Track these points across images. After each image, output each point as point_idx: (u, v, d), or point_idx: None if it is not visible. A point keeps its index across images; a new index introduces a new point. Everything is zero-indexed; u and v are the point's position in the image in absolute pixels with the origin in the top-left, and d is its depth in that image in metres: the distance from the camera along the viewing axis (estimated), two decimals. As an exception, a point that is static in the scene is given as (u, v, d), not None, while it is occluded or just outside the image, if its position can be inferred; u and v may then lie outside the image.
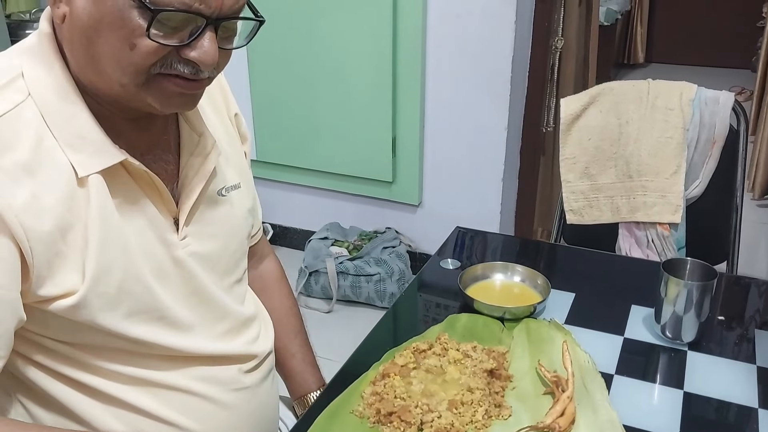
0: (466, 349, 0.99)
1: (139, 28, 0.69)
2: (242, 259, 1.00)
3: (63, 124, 0.75)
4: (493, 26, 2.30)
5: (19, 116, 0.73)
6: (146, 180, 0.81)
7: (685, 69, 5.61)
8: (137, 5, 0.68)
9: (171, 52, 0.72)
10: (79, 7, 0.71)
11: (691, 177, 1.65)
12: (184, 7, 0.69)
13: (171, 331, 0.85)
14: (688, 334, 1.06)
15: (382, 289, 2.52)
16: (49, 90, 0.75)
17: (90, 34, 0.71)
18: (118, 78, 0.73)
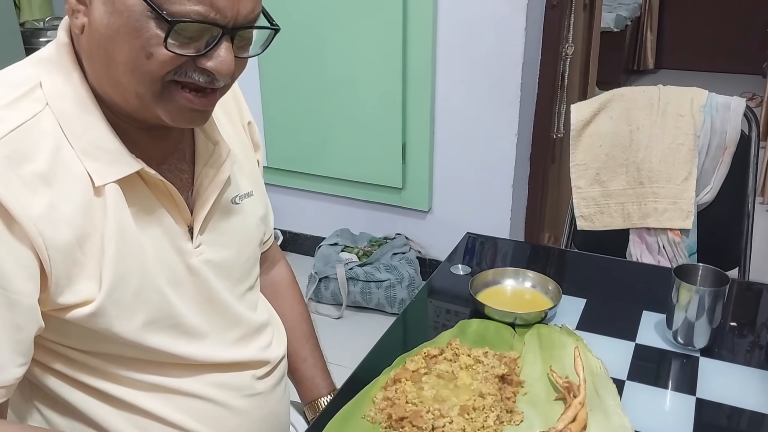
0: (477, 355, 0.99)
1: (155, 37, 0.70)
2: (255, 267, 1.00)
3: (80, 133, 0.75)
4: (503, 34, 2.30)
5: (37, 126, 0.74)
6: (162, 189, 0.82)
7: (695, 75, 5.59)
8: (154, 16, 0.69)
9: (187, 61, 0.73)
10: (97, 18, 0.72)
11: (703, 183, 1.65)
12: (201, 17, 0.70)
13: (185, 339, 0.86)
14: (700, 340, 1.05)
15: (392, 295, 2.52)
16: (67, 100, 0.76)
17: (107, 44, 0.72)
18: (134, 87, 0.74)
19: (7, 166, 0.69)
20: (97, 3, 0.72)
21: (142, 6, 0.69)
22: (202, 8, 0.69)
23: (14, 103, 0.74)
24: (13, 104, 0.74)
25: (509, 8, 2.26)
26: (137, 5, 0.69)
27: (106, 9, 0.71)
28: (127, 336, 0.79)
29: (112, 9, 0.71)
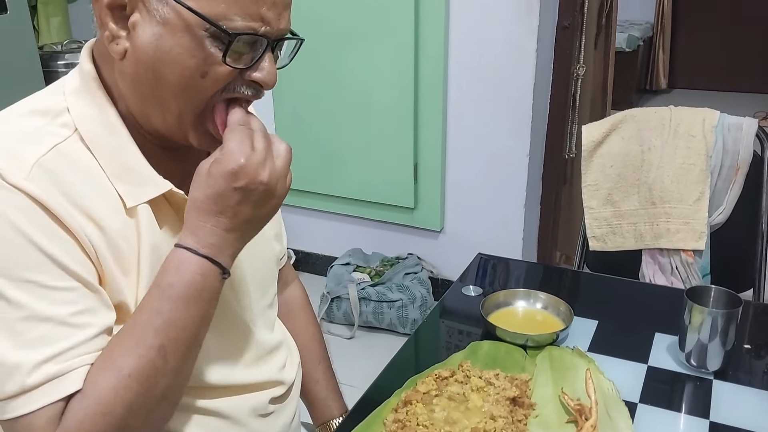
0: (488, 377, 0.99)
1: (211, 55, 0.72)
2: (272, 285, 1.01)
3: (111, 157, 0.77)
4: (515, 55, 2.32)
5: (69, 149, 0.75)
6: (183, 208, 0.82)
7: (708, 94, 5.59)
8: (209, 34, 0.71)
9: (236, 77, 0.75)
10: (145, 42, 0.73)
11: (715, 203, 1.64)
12: (252, 31, 0.73)
13: (203, 360, 0.86)
14: (713, 363, 1.05)
15: (404, 315, 2.52)
16: (96, 124, 0.77)
17: (156, 65, 0.73)
18: (180, 108, 0.76)
19: (49, 182, 0.71)
20: (142, 27, 0.73)
21: (197, 25, 0.71)
22: (254, 23, 0.72)
23: (44, 128, 0.75)
24: (44, 128, 0.75)
25: (520, 29, 2.28)
26: (192, 25, 0.71)
27: (155, 32, 0.72)
28: None
29: (162, 32, 0.72)
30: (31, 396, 0.68)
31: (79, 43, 2.76)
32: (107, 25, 0.74)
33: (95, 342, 0.71)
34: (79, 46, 2.74)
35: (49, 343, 0.68)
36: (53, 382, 0.68)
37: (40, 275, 0.68)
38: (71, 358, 0.69)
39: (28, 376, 0.67)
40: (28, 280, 0.68)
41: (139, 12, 0.73)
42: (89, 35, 3.13)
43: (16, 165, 0.70)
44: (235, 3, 0.71)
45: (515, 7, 2.27)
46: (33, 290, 0.68)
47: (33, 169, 0.70)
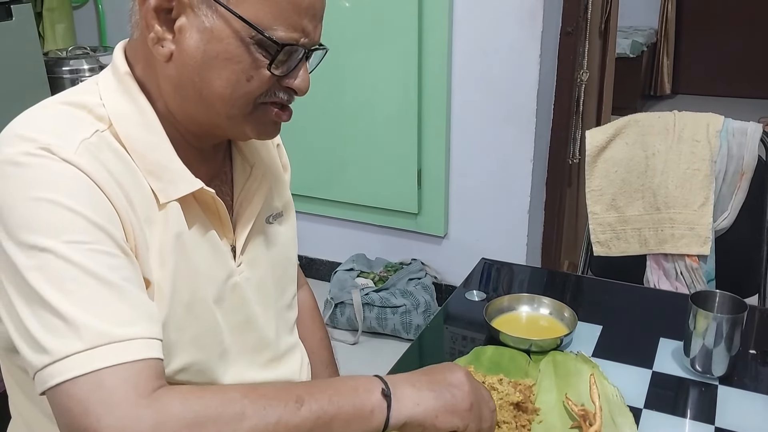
0: (492, 382, 0.99)
1: (257, 61, 0.75)
2: (290, 285, 1.02)
3: (145, 153, 0.78)
4: (519, 62, 2.32)
5: (106, 140, 0.76)
6: (212, 209, 0.84)
7: (712, 100, 5.58)
8: (255, 41, 0.74)
9: (275, 83, 0.78)
10: (192, 46, 0.75)
11: (720, 209, 1.64)
12: (294, 41, 0.76)
13: (219, 359, 0.86)
14: (718, 368, 1.04)
15: (407, 320, 2.52)
16: (133, 123, 0.78)
17: (202, 70, 0.75)
18: (227, 110, 0.78)
19: (95, 160, 0.72)
20: (189, 32, 0.75)
21: (245, 32, 0.73)
22: (296, 34, 0.76)
23: (84, 118, 0.76)
24: (84, 118, 0.76)
25: (524, 35, 2.28)
26: (240, 32, 0.73)
27: (202, 37, 0.74)
28: (175, 349, 0.80)
29: (210, 37, 0.74)
30: (89, 356, 0.64)
31: (83, 49, 2.77)
32: (153, 28, 0.75)
33: (143, 311, 0.70)
34: (84, 52, 2.75)
35: (100, 303, 0.67)
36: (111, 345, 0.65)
37: (89, 238, 0.68)
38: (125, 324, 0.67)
39: (81, 336, 0.64)
40: (78, 241, 0.68)
41: (186, 16, 0.74)
42: (94, 41, 3.15)
43: (65, 142, 0.71)
44: (280, 14, 0.74)
45: (519, 13, 2.27)
46: (82, 250, 0.68)
47: (80, 147, 0.72)
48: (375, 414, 0.73)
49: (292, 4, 0.75)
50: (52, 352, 0.64)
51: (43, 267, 0.66)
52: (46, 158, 0.70)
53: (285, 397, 0.69)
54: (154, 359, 0.68)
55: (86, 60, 2.68)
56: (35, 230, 0.67)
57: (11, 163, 0.70)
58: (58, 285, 0.66)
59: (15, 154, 0.70)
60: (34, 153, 0.70)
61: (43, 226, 0.67)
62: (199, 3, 0.74)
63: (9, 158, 0.70)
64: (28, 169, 0.69)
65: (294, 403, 0.69)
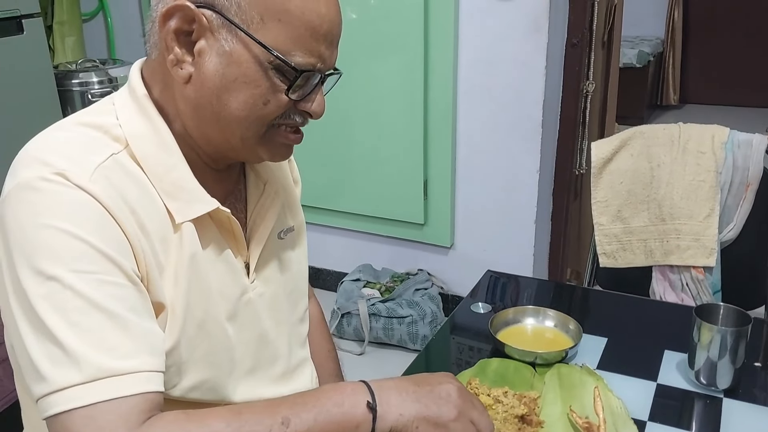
0: (497, 395, 0.99)
1: (274, 86, 0.77)
2: (302, 299, 1.03)
3: (162, 174, 0.79)
4: (524, 72, 2.33)
5: (122, 162, 0.77)
6: (227, 227, 0.85)
7: (719, 109, 5.57)
8: (273, 66, 0.75)
9: (291, 106, 0.80)
10: (210, 69, 0.76)
11: (726, 220, 1.64)
12: (312, 67, 0.78)
13: (231, 376, 0.87)
14: (723, 381, 1.04)
15: (414, 331, 2.52)
16: (150, 143, 0.79)
17: (220, 92, 0.77)
18: (242, 132, 0.79)
19: (109, 186, 0.73)
20: (209, 55, 0.76)
21: (264, 58, 0.75)
22: (313, 59, 0.77)
23: (100, 139, 0.77)
24: (100, 140, 0.77)
25: (529, 47, 2.30)
26: (259, 57, 0.75)
27: (222, 60, 0.75)
28: (187, 367, 0.80)
29: (229, 60, 0.75)
30: (87, 389, 0.65)
31: (92, 62, 2.80)
32: (172, 49, 0.76)
33: (145, 344, 0.70)
34: (93, 64, 2.78)
35: (102, 335, 0.67)
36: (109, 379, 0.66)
37: (96, 268, 0.69)
38: (125, 357, 0.67)
39: (80, 368, 0.65)
40: (85, 270, 0.68)
41: (206, 39, 0.76)
42: (103, 54, 3.18)
43: (80, 168, 0.72)
44: (299, 40, 0.75)
45: (524, 25, 2.28)
46: (89, 280, 0.68)
47: (95, 173, 0.73)
48: (361, 428, 0.73)
49: (311, 30, 0.76)
50: (51, 382, 0.65)
51: (50, 296, 0.67)
52: (61, 184, 0.70)
53: (269, 420, 0.70)
54: (152, 392, 0.68)
55: (95, 72, 2.71)
56: (44, 257, 0.68)
57: (27, 187, 0.71)
58: (63, 315, 0.66)
59: (31, 178, 0.71)
60: (49, 178, 0.70)
61: (52, 254, 0.68)
62: (219, 27, 0.75)
63: (25, 182, 0.71)
64: (41, 195, 0.70)
65: (279, 425, 0.69)
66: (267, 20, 0.74)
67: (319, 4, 0.77)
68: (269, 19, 0.74)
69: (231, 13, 0.74)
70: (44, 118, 2.46)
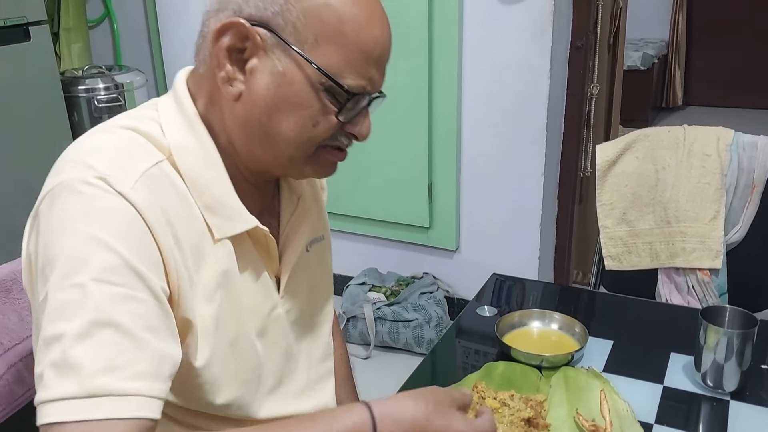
0: (503, 398, 0.99)
1: (325, 107, 0.76)
2: (327, 309, 1.02)
3: (204, 188, 0.78)
4: (528, 75, 2.34)
5: (166, 171, 0.76)
6: (262, 243, 0.84)
7: (724, 111, 5.56)
8: (325, 87, 0.75)
9: (339, 128, 0.80)
10: (262, 87, 0.75)
11: (731, 222, 1.64)
12: (362, 90, 0.78)
13: (258, 392, 0.86)
14: (729, 383, 1.04)
15: (420, 335, 2.52)
16: (195, 157, 0.78)
17: (271, 111, 0.76)
18: (290, 152, 0.79)
19: (151, 195, 0.72)
20: (261, 73, 0.75)
21: (317, 79, 0.74)
22: (363, 82, 0.77)
23: (146, 146, 0.76)
24: (145, 147, 0.76)
25: (534, 50, 2.30)
26: (312, 78, 0.74)
27: (274, 80, 0.75)
28: (220, 384, 0.80)
29: (282, 80, 0.75)
30: (86, 404, 0.63)
31: (99, 68, 2.81)
32: (224, 67, 0.76)
33: (153, 367, 0.68)
34: (100, 71, 2.79)
35: (112, 352, 0.65)
36: (110, 398, 0.64)
37: (121, 280, 0.68)
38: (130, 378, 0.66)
39: (84, 382, 0.64)
40: (109, 281, 0.67)
41: (258, 58, 0.75)
42: (109, 60, 3.20)
43: (124, 174, 0.71)
44: (352, 63, 0.75)
45: (528, 28, 2.29)
46: (112, 293, 0.67)
47: (139, 180, 0.72)
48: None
49: (365, 53, 0.76)
50: (51, 390, 0.64)
51: (70, 302, 0.66)
52: (101, 189, 0.70)
53: None
54: (147, 419, 0.66)
55: (102, 79, 2.73)
56: (73, 262, 0.67)
57: (68, 188, 0.70)
58: (78, 324, 0.65)
59: (73, 180, 0.70)
60: (91, 182, 0.70)
61: (80, 260, 0.67)
62: (273, 46, 0.74)
63: (67, 183, 0.70)
64: (81, 199, 0.69)
65: None
66: (321, 42, 0.74)
67: (374, 28, 0.77)
68: (324, 40, 0.74)
69: (286, 33, 0.74)
70: (51, 125, 2.49)
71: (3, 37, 2.30)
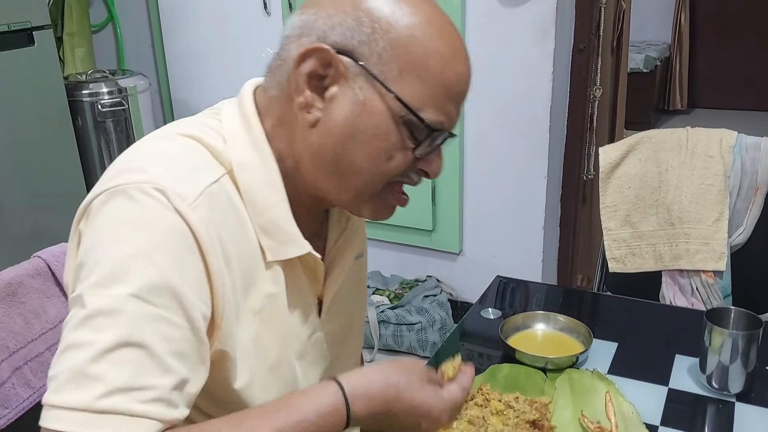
0: (508, 400, 0.99)
1: (401, 141, 0.74)
2: (361, 323, 1.01)
3: (262, 210, 0.76)
4: (531, 78, 2.34)
5: (226, 188, 0.74)
6: (310, 266, 0.83)
7: (728, 113, 5.56)
8: (404, 121, 0.73)
9: (411, 164, 0.77)
10: (340, 116, 0.73)
11: (735, 224, 1.64)
12: (441, 125, 0.75)
13: None
14: (735, 385, 1.04)
15: (423, 338, 2.52)
16: (255, 176, 0.76)
17: (346, 141, 0.74)
18: (359, 185, 0.76)
19: (209, 215, 0.70)
20: (340, 102, 0.73)
21: (397, 111, 0.73)
22: (442, 118, 0.75)
23: (208, 160, 0.75)
24: (208, 160, 0.75)
25: (536, 53, 2.30)
26: (393, 110, 0.73)
27: (354, 109, 0.73)
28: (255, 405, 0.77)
29: (361, 110, 0.73)
30: (96, 419, 0.61)
31: (102, 73, 2.82)
32: (303, 92, 0.74)
33: (172, 394, 0.66)
34: (103, 75, 2.80)
35: (135, 372, 0.63)
36: (122, 417, 0.62)
37: (158, 301, 0.65)
38: (147, 402, 0.63)
39: (100, 396, 0.62)
40: (146, 299, 0.65)
41: (339, 86, 0.73)
42: (112, 65, 3.21)
43: (184, 188, 0.69)
44: (433, 97, 0.73)
45: (531, 31, 2.29)
46: (147, 312, 0.65)
47: (200, 198, 0.70)
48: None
49: (447, 89, 0.74)
50: (63, 396, 0.62)
51: (102, 311, 0.64)
52: (158, 202, 0.67)
53: None
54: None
55: (105, 83, 2.73)
56: (114, 271, 0.65)
57: (124, 194, 0.68)
58: (107, 337, 0.63)
59: (130, 185, 0.68)
60: (149, 192, 0.67)
61: (123, 270, 0.65)
62: (355, 75, 0.73)
63: (123, 188, 0.68)
64: (135, 207, 0.67)
65: None
66: (405, 74, 0.72)
67: (459, 65, 0.76)
68: (408, 73, 0.72)
69: (370, 63, 0.72)
70: (55, 129, 2.50)
71: (7, 42, 2.31)
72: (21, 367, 1.02)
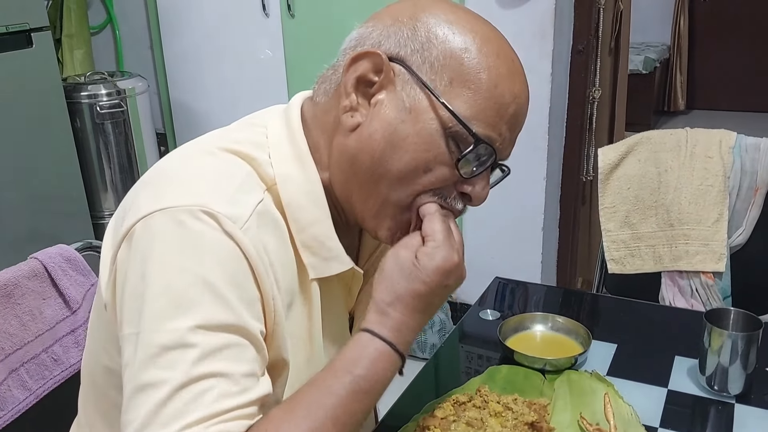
0: (506, 402, 0.99)
1: (443, 154, 0.71)
2: None
3: (305, 226, 0.75)
4: (530, 80, 2.29)
5: (269, 206, 0.73)
6: (346, 281, 0.82)
7: (727, 114, 5.56)
8: (450, 133, 0.71)
9: (450, 185, 0.74)
10: (384, 122, 0.72)
11: (735, 225, 1.63)
12: (488, 140, 0.72)
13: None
14: (734, 386, 1.04)
15: (422, 339, 2.51)
16: (299, 190, 0.75)
17: (386, 147, 0.72)
18: (387, 193, 0.74)
19: (258, 235, 0.69)
20: (386, 108, 0.72)
21: (444, 121, 0.71)
22: (494, 134, 0.73)
23: (252, 175, 0.73)
24: (252, 176, 0.73)
25: (535, 54, 2.30)
26: (440, 119, 0.71)
27: (399, 116, 0.71)
28: None
29: (406, 117, 0.71)
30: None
31: (101, 75, 2.81)
32: (349, 95, 0.73)
33: (251, 408, 0.66)
34: (102, 77, 2.79)
35: (216, 399, 0.63)
36: None
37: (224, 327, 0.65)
38: (231, 420, 0.63)
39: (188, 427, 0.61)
40: (212, 328, 0.64)
41: (386, 92, 0.72)
42: (111, 66, 3.20)
43: (235, 212, 0.68)
44: (483, 111, 0.71)
45: (529, 32, 2.29)
46: (214, 342, 0.64)
47: (250, 219, 0.68)
48: None
49: (498, 105, 0.72)
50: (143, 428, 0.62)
51: (171, 347, 0.63)
52: (210, 227, 0.66)
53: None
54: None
55: (104, 85, 2.73)
56: (176, 303, 0.64)
57: (173, 220, 0.66)
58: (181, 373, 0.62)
59: (178, 210, 0.66)
60: (198, 216, 0.66)
61: (185, 301, 0.64)
62: (404, 83, 0.72)
63: (171, 213, 0.66)
64: (188, 234, 0.65)
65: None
66: (456, 85, 0.71)
67: (514, 83, 0.74)
68: (458, 84, 0.71)
69: (422, 72, 0.71)
70: (53, 131, 2.50)
71: (5, 44, 2.31)
72: (17, 368, 1.02)
